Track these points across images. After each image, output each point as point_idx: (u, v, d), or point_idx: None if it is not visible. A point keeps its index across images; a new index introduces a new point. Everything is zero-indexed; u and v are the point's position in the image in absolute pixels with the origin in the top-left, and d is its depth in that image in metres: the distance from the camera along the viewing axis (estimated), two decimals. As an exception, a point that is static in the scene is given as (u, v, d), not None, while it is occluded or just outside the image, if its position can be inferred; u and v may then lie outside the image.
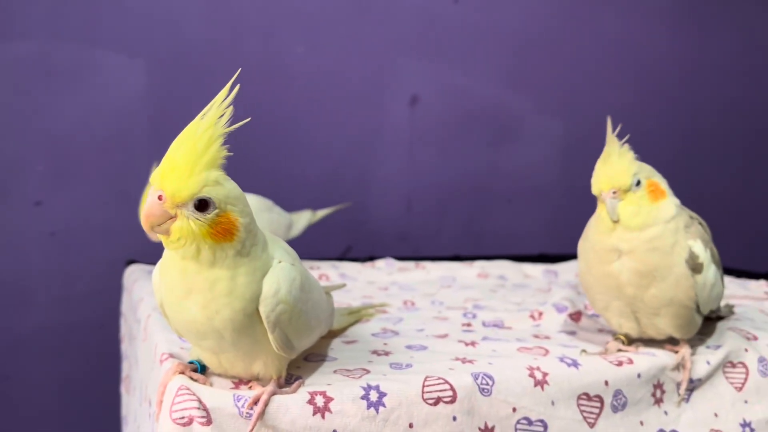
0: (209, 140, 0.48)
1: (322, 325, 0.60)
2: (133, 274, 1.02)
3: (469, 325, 0.79)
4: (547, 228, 1.56)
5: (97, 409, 1.24)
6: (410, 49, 1.43)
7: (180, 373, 0.53)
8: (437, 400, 0.56)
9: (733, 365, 0.70)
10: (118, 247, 1.20)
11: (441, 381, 0.57)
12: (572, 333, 0.77)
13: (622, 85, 1.58)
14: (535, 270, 1.18)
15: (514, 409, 0.59)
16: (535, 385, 0.60)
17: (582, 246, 0.69)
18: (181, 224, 0.48)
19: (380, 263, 1.16)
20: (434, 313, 0.85)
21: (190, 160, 0.47)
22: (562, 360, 0.64)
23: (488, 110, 1.50)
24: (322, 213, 1.16)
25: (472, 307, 0.90)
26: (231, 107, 0.50)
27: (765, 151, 1.70)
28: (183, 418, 0.49)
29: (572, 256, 1.37)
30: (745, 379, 0.70)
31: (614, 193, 0.63)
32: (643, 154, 1.56)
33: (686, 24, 1.60)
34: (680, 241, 0.62)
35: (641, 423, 0.64)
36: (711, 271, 0.64)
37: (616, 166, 0.63)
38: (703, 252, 0.63)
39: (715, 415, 0.68)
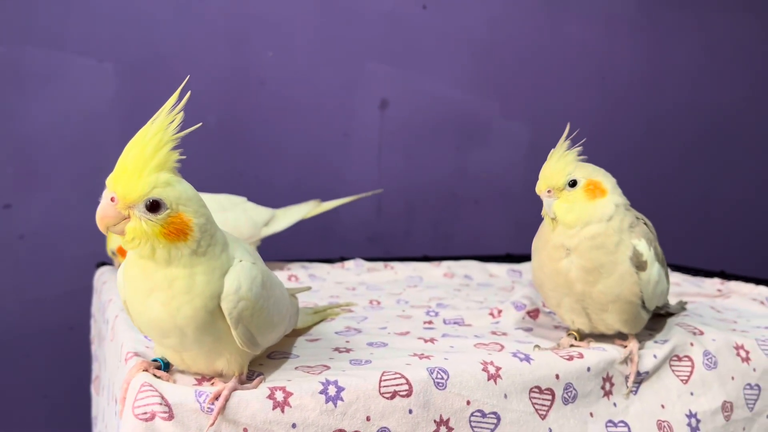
0: (158, 144, 0.50)
1: (285, 322, 0.62)
2: (102, 275, 1.03)
3: (430, 323, 0.82)
4: (512, 229, 1.59)
5: (68, 410, 1.25)
6: (379, 53, 1.46)
7: (144, 370, 0.55)
8: (393, 394, 0.59)
9: (680, 359, 0.73)
10: (87, 250, 1.21)
11: (397, 375, 0.59)
12: (529, 330, 0.80)
13: (586, 88, 1.62)
14: (500, 270, 1.21)
15: (468, 402, 0.61)
16: (489, 379, 0.63)
17: (535, 244, 0.72)
18: (134, 225, 0.50)
19: (349, 264, 1.18)
20: (398, 311, 0.87)
21: (140, 163, 0.50)
22: (515, 355, 0.66)
23: (456, 115, 1.54)
24: (330, 204, 1.18)
25: (436, 305, 0.92)
26: (181, 113, 0.52)
27: (721, 151, 1.75)
28: (145, 414, 0.51)
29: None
30: (691, 372, 0.73)
31: (549, 192, 0.66)
32: (606, 154, 1.61)
33: (646, 29, 1.65)
34: (624, 239, 0.66)
35: (591, 414, 0.67)
36: (655, 269, 0.68)
37: (553, 168, 0.67)
38: (647, 250, 0.67)
39: (662, 406, 0.71)
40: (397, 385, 0.59)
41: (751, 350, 0.76)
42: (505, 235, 1.59)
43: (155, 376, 0.55)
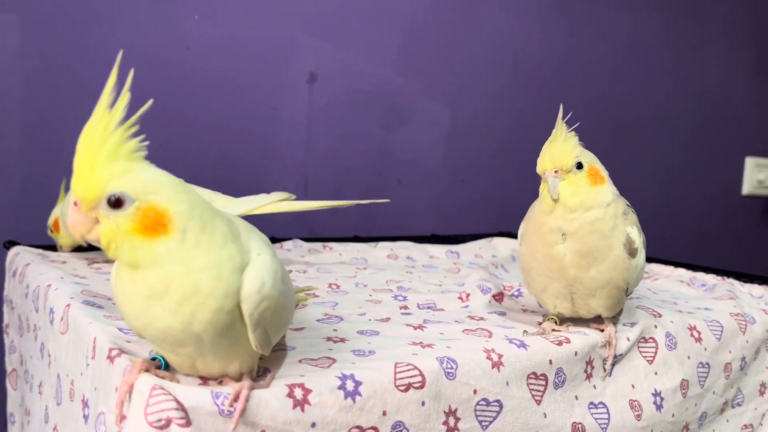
0: (104, 131, 0.44)
1: (292, 317, 0.58)
2: (19, 257, 0.92)
3: (405, 308, 0.80)
4: (434, 209, 1.60)
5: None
6: (308, 24, 1.40)
7: (145, 371, 0.48)
8: (408, 387, 0.56)
9: (646, 340, 0.77)
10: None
11: (410, 366, 0.57)
12: (502, 314, 0.80)
13: (502, 75, 1.66)
14: (438, 251, 1.21)
15: (475, 391, 0.60)
16: (492, 367, 0.62)
17: (525, 229, 0.72)
18: (104, 227, 0.44)
19: (288, 245, 1.13)
20: (364, 296, 0.85)
21: (90, 156, 0.44)
22: (511, 341, 0.66)
23: (382, 93, 1.51)
24: (303, 204, 1.03)
25: (397, 288, 0.90)
26: (127, 93, 0.46)
27: (625, 143, 1.86)
28: (160, 420, 0.45)
29: (461, 236, 1.44)
30: (655, 353, 0.77)
31: (556, 172, 0.66)
32: (519, 140, 1.63)
33: (557, 21, 1.71)
34: (619, 225, 0.67)
35: (576, 397, 0.69)
36: (642, 256, 0.70)
37: (560, 148, 0.66)
38: (638, 238, 0.69)
39: (632, 386, 0.74)
40: (411, 377, 0.57)
41: (702, 331, 0.81)
42: (425, 214, 1.60)
43: (158, 376, 0.49)
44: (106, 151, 0.44)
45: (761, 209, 2.24)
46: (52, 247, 1.01)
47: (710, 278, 1.07)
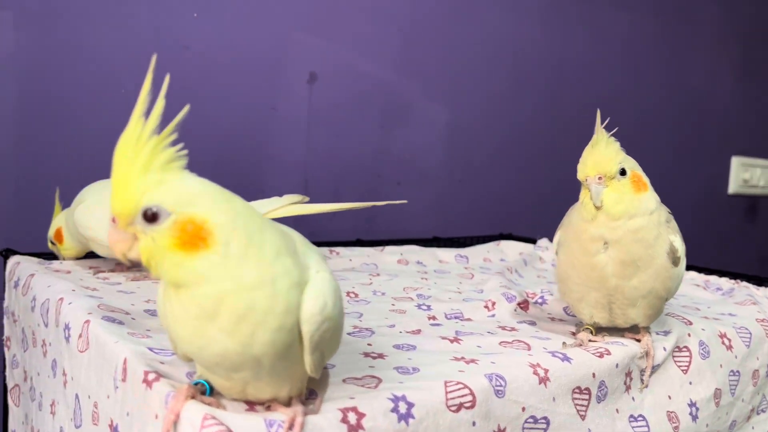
0: (138, 142, 0.41)
1: None
2: (20, 266, 0.87)
3: (434, 318, 0.77)
4: (432, 211, 1.58)
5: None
6: (308, 23, 1.37)
7: (191, 398, 0.45)
8: (459, 407, 0.54)
9: (680, 349, 0.75)
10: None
11: (461, 386, 0.54)
12: (532, 323, 0.78)
13: (500, 76, 1.64)
14: (447, 255, 1.19)
15: (523, 409, 0.58)
16: (540, 383, 0.60)
17: (562, 237, 0.69)
18: (143, 243, 0.42)
19: (295, 250, 1.10)
20: (386, 305, 0.82)
21: (124, 170, 0.41)
22: (554, 355, 0.64)
23: (381, 93, 1.49)
24: (318, 207, 0.97)
25: (417, 297, 0.88)
26: (162, 100, 0.42)
27: (618, 139, 1.86)
28: (214, 451, 0.42)
29: (464, 239, 1.42)
30: (689, 362, 0.75)
31: (600, 179, 0.64)
32: (518, 140, 1.59)
33: (554, 22, 1.70)
34: (662, 233, 0.65)
35: (617, 410, 0.67)
36: (683, 265, 0.68)
37: (603, 153, 0.64)
38: (682, 246, 0.67)
39: (669, 397, 0.72)
40: (461, 396, 0.54)
41: (732, 338, 0.80)
42: (424, 216, 1.58)
43: (203, 403, 0.45)
44: (140, 163, 0.41)
45: (746, 208, 2.26)
46: (50, 255, 0.97)
47: (724, 282, 1.06)
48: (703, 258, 1.58)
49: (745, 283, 1.05)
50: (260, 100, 1.33)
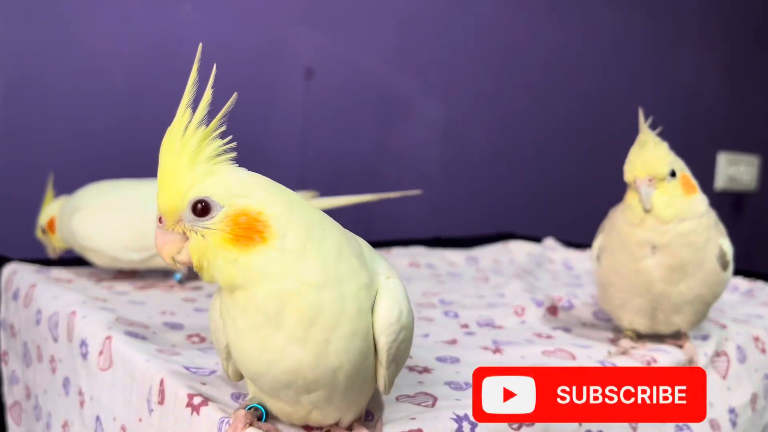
0: (184, 134, 0.39)
1: None
2: (18, 276, 0.82)
3: (466, 326, 0.74)
4: (431, 211, 1.55)
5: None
6: (304, 19, 1.32)
7: (249, 424, 0.41)
8: (520, 424, 0.51)
9: (718, 354, 0.73)
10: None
11: (520, 402, 0.51)
12: (566, 330, 0.75)
13: (496, 71, 1.62)
14: (457, 257, 1.16)
15: (580, 423, 0.55)
16: (594, 395, 0.57)
17: (606, 242, 0.67)
18: (193, 242, 0.38)
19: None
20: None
21: (170, 163, 0.38)
22: (603, 364, 0.61)
23: (378, 89, 1.45)
24: (330, 201, 0.89)
25: (440, 302, 0.85)
26: (210, 89, 0.41)
27: (605, 138, 1.85)
28: (281, 485, 0.38)
29: (465, 239, 1.39)
30: (728, 367, 0.73)
31: (650, 180, 0.61)
32: (506, 135, 1.57)
33: (547, 18, 1.69)
34: (712, 237, 0.63)
35: (664, 420, 0.64)
36: (731, 269, 0.66)
37: (653, 154, 0.61)
38: (730, 249, 0.65)
39: (710, 404, 0.70)
40: (522, 412, 0.51)
41: (765, 341, 0.78)
42: (423, 216, 1.55)
43: (261, 429, 0.42)
44: (188, 155, 0.38)
45: (733, 204, 2.28)
46: (47, 261, 0.91)
47: (739, 281, 1.05)
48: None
49: (761, 283, 1.04)
50: (256, 96, 1.29)
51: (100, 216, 0.84)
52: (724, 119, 2.19)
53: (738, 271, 1.04)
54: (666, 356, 0.66)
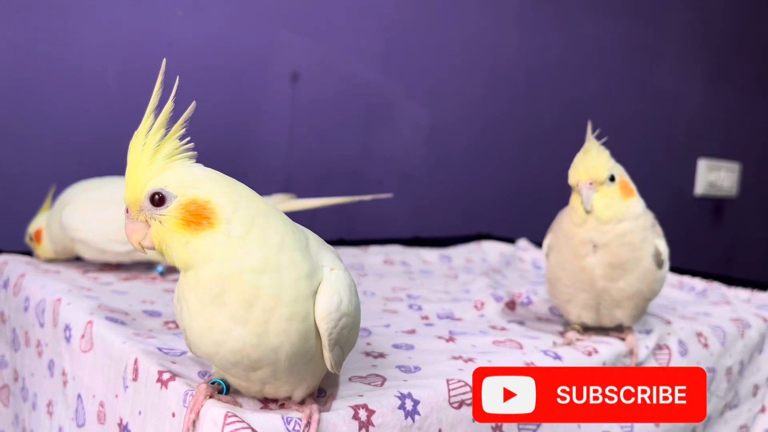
0: (146, 136, 0.44)
1: None
2: (8, 266, 0.87)
3: (426, 318, 0.79)
4: (412, 211, 1.60)
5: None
6: (291, 23, 1.37)
7: (210, 396, 0.46)
8: (461, 403, 0.56)
9: (660, 348, 0.78)
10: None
11: (462, 383, 0.57)
12: (521, 323, 0.81)
13: (479, 77, 1.67)
14: (431, 255, 1.21)
15: (519, 405, 0.60)
16: (534, 380, 0.62)
17: (553, 241, 0.72)
18: (154, 228, 0.44)
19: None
20: (379, 306, 0.84)
21: (135, 163, 0.44)
22: (546, 353, 0.66)
23: (364, 93, 1.50)
24: (306, 203, 0.98)
25: (407, 297, 0.90)
26: (172, 99, 0.45)
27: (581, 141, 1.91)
28: (235, 449, 0.43)
29: (443, 239, 1.44)
30: (669, 360, 0.79)
31: (590, 184, 0.67)
32: (495, 141, 1.61)
33: (529, 25, 1.74)
34: (648, 237, 0.68)
35: (604, 406, 0.70)
36: (666, 267, 0.71)
37: (594, 160, 0.67)
38: (665, 249, 0.70)
39: (651, 393, 0.75)
40: (463, 393, 0.56)
41: (708, 337, 0.84)
42: (404, 216, 1.60)
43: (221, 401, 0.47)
44: (148, 154, 0.44)
45: (712, 210, 2.33)
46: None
47: (697, 282, 1.11)
48: (672, 259, 1.63)
49: (717, 284, 1.09)
50: (243, 100, 1.34)
51: (88, 209, 0.89)
52: (704, 126, 2.25)
53: (716, 277, 1.09)
54: (608, 347, 0.71)
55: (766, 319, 0.93)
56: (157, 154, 0.44)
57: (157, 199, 0.43)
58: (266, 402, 0.49)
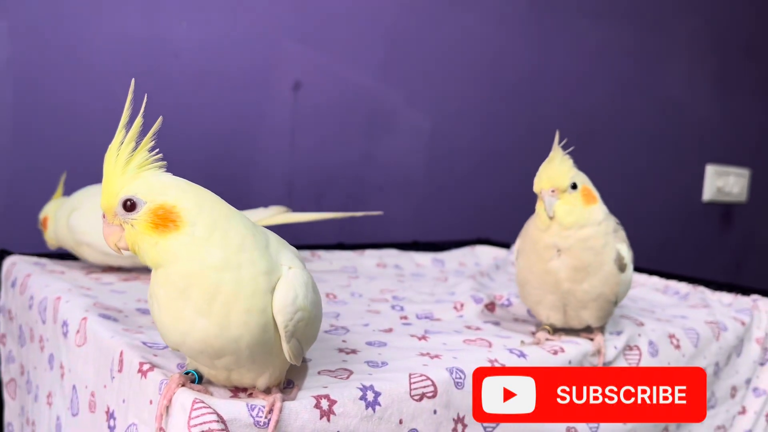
0: (119, 148, 0.49)
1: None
2: (16, 267, 0.92)
3: (405, 318, 0.83)
4: (413, 216, 1.64)
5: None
6: (293, 32, 1.42)
7: (182, 385, 0.51)
8: (422, 396, 0.60)
9: (630, 348, 0.82)
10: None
11: (424, 377, 0.61)
12: (496, 323, 0.84)
13: (480, 84, 1.70)
14: (424, 259, 1.25)
15: (481, 399, 0.64)
16: (497, 376, 0.66)
17: (521, 245, 0.76)
18: (127, 231, 0.49)
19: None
20: (363, 306, 0.88)
21: (109, 173, 0.49)
22: (511, 351, 0.70)
23: (365, 101, 1.54)
24: (299, 216, 1.06)
25: (393, 298, 0.94)
26: (141, 116, 0.51)
27: (592, 150, 1.93)
28: (202, 432, 0.48)
29: (442, 243, 1.48)
30: (639, 360, 0.82)
31: (553, 191, 0.70)
32: (493, 147, 1.64)
33: (532, 32, 1.77)
34: (610, 242, 0.72)
35: (569, 403, 0.73)
36: (630, 270, 0.75)
37: (557, 169, 0.71)
38: (628, 254, 0.73)
39: (620, 391, 0.79)
40: (424, 387, 0.60)
41: (680, 338, 0.87)
42: (406, 221, 1.64)
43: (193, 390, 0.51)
44: (120, 165, 0.49)
45: (721, 216, 2.34)
46: (45, 255, 1.02)
47: (683, 286, 1.13)
48: (680, 265, 1.65)
49: (701, 288, 1.12)
50: (246, 108, 1.39)
51: (96, 214, 0.94)
52: (712, 131, 2.25)
53: (723, 285, 1.11)
54: (574, 347, 0.75)
55: (744, 323, 0.96)
56: (129, 164, 0.49)
57: (129, 205, 0.48)
58: (236, 391, 0.54)
